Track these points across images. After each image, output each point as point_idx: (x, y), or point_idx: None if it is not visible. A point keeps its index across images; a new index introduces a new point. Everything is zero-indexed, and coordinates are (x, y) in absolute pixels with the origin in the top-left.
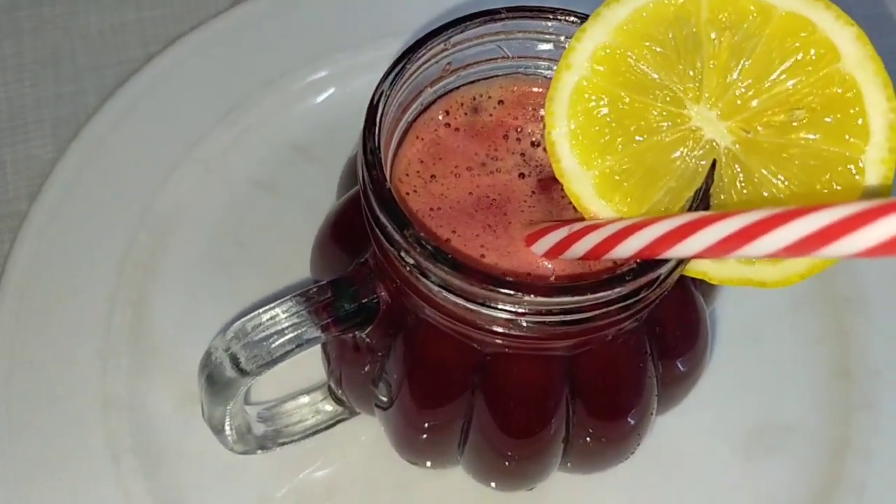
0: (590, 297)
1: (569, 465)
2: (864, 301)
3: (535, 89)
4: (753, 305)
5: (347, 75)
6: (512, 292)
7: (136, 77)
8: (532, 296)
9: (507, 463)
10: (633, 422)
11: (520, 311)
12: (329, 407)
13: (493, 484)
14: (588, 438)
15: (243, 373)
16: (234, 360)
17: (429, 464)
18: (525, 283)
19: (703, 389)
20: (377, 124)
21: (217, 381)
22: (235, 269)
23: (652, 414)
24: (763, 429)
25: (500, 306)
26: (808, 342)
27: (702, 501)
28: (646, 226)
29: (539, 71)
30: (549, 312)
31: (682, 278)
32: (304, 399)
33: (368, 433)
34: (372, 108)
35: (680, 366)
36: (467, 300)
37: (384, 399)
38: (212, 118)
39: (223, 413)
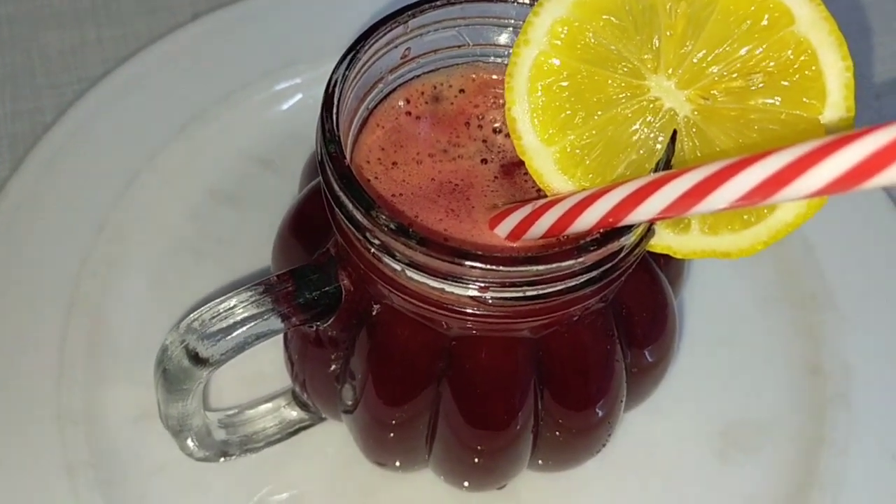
0: (554, 267)
1: (539, 461)
2: (831, 297)
3: (496, 77)
4: (722, 305)
5: (309, 87)
6: (477, 264)
7: (94, 90)
8: (497, 266)
9: (475, 458)
10: (602, 410)
11: (485, 285)
12: (294, 413)
13: (464, 483)
14: (557, 429)
15: (200, 365)
16: (190, 353)
17: (398, 463)
18: (490, 255)
19: (675, 390)
20: (335, 106)
21: (173, 374)
22: (194, 281)
23: (621, 402)
24: (737, 428)
25: (465, 281)
26: (778, 340)
27: (677, 502)
28: (604, 193)
29: (500, 59)
30: (514, 285)
31: (648, 263)
32: (268, 405)
33: (336, 442)
34: (329, 91)
35: (647, 354)
36: (433, 276)
37: (350, 397)
38: (171, 130)
39: (181, 412)
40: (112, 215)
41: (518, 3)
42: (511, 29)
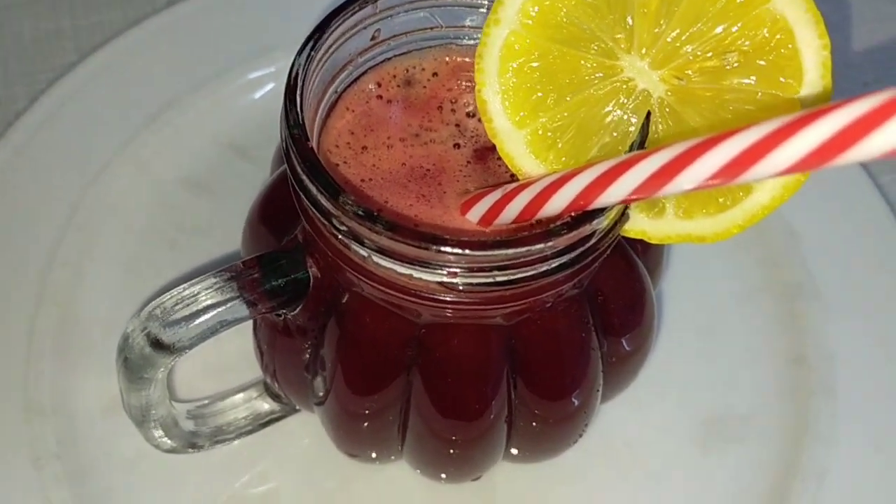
0: (524, 251)
1: (515, 452)
2: (815, 286)
3: (470, 60)
4: (705, 294)
5: (283, 75)
6: (445, 248)
7: (67, 77)
8: (465, 251)
9: (447, 448)
10: (577, 399)
11: (454, 270)
12: (266, 405)
13: (438, 474)
14: (532, 419)
15: (162, 352)
16: (152, 340)
17: (372, 455)
18: (458, 239)
19: (656, 380)
20: (298, 89)
21: (134, 362)
22: (167, 270)
23: (598, 391)
24: (719, 419)
25: (434, 267)
26: (761, 330)
27: (659, 495)
28: (574, 176)
29: (474, 42)
30: (483, 270)
31: (625, 250)
32: (239, 396)
33: (312, 433)
34: (293, 75)
35: (625, 343)
36: (401, 262)
37: (320, 387)
38: (144, 118)
39: (143, 402)
40: (83, 204)
41: None
42: (484, 10)
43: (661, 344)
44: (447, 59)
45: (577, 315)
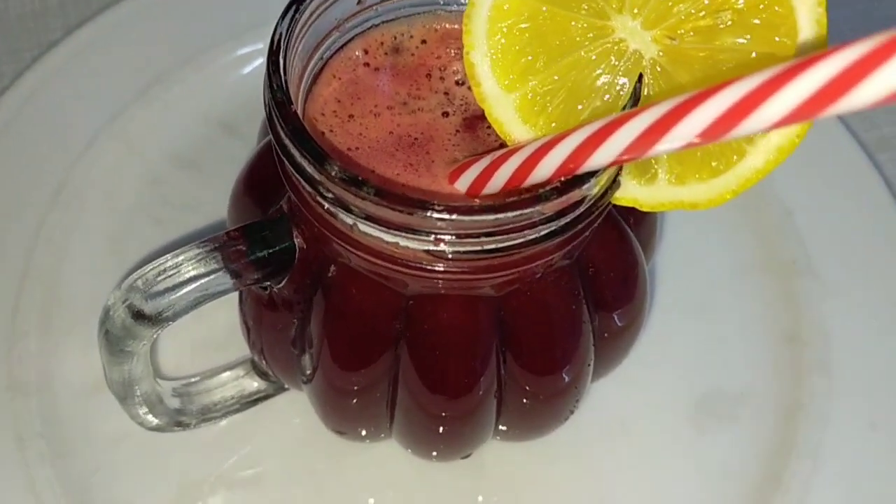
0: (513, 216)
1: (505, 429)
2: (809, 263)
3: (459, 27)
4: (699, 271)
5: None
6: (432, 214)
7: (52, 53)
8: (453, 216)
9: (436, 424)
10: (568, 375)
11: (441, 237)
12: (254, 383)
13: (428, 452)
14: (522, 395)
15: (144, 323)
16: (135, 312)
17: (362, 432)
18: (445, 204)
19: (648, 358)
20: (281, 54)
21: (115, 335)
22: (152, 247)
23: (589, 366)
24: (713, 398)
25: (420, 234)
26: (755, 307)
27: (652, 474)
28: (562, 139)
29: (461, 7)
30: (471, 236)
31: (617, 221)
32: (226, 375)
33: (302, 412)
34: (275, 39)
35: (617, 318)
36: (387, 230)
37: (307, 364)
38: (132, 93)
39: (127, 376)
40: (70, 180)
41: None
42: None
43: (654, 321)
44: (436, 26)
45: (568, 287)
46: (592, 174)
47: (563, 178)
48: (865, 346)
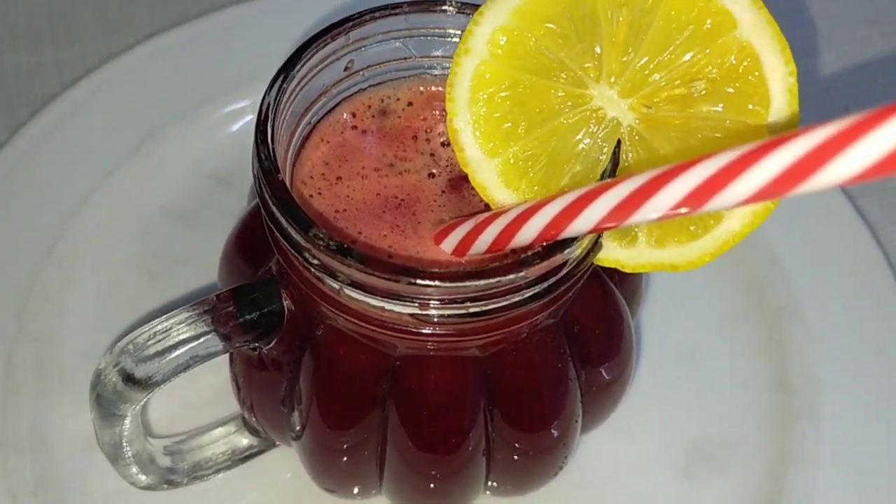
0: (495, 282)
1: (494, 484)
2: (798, 310)
3: (444, 89)
4: (687, 320)
5: None
6: (416, 281)
7: (49, 108)
8: (436, 282)
9: (425, 482)
10: (556, 431)
11: (425, 302)
12: (244, 440)
13: None
14: (510, 451)
15: (135, 388)
16: (126, 376)
17: (354, 490)
18: (429, 271)
19: (638, 408)
20: (269, 123)
21: (107, 399)
22: (146, 301)
23: (577, 422)
24: (704, 446)
25: (405, 299)
26: (744, 355)
27: None
28: (544, 206)
29: (447, 71)
30: (455, 301)
31: (601, 279)
32: (217, 432)
33: (293, 468)
34: (263, 109)
35: (604, 372)
36: (372, 295)
37: (297, 421)
38: (126, 148)
39: (118, 438)
40: (64, 236)
41: (463, 13)
42: (457, 39)
43: (642, 371)
44: (422, 88)
45: (553, 345)
46: (574, 239)
47: (545, 243)
48: (854, 393)
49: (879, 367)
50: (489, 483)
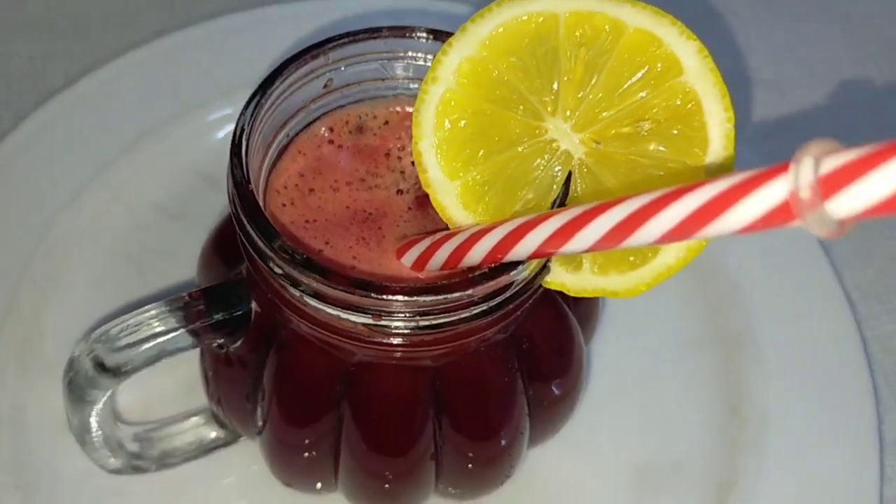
0: (443, 298)
1: (449, 489)
2: (754, 339)
3: None
4: (644, 342)
5: None
6: (369, 294)
7: (52, 101)
8: (387, 296)
9: (377, 482)
10: (502, 441)
11: (378, 314)
12: (213, 432)
13: None
14: (459, 458)
15: (106, 376)
16: (98, 364)
17: (318, 486)
18: (383, 285)
19: (590, 425)
20: (244, 144)
21: (78, 384)
22: (132, 292)
23: (523, 434)
24: (651, 466)
25: (359, 310)
26: (698, 379)
27: None
28: (491, 230)
29: None
30: (406, 315)
31: (554, 300)
32: (186, 423)
33: (257, 461)
34: (239, 128)
35: (552, 388)
36: (331, 305)
37: (259, 416)
38: (122, 144)
39: (86, 421)
40: (56, 225)
41: (437, 39)
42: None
43: (597, 387)
44: (398, 108)
45: (502, 359)
46: (520, 262)
47: (492, 264)
48: (802, 426)
49: (832, 401)
50: (439, 486)
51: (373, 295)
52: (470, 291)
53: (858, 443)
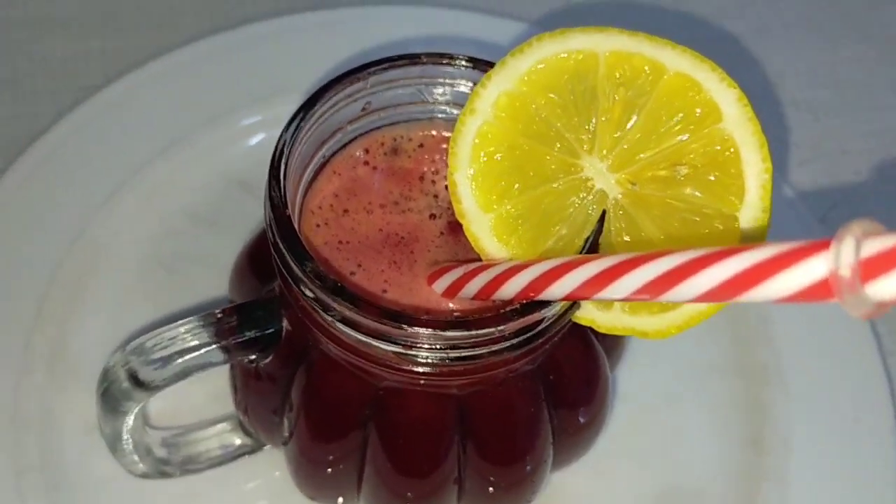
0: (474, 334)
1: None
2: (780, 371)
3: None
4: (670, 370)
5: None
6: (404, 326)
7: (89, 102)
8: (420, 329)
9: (400, 500)
10: (526, 468)
11: (409, 344)
12: (237, 439)
13: None
14: (480, 482)
15: (140, 389)
16: (132, 376)
17: (340, 500)
18: (416, 317)
19: (611, 451)
20: (282, 165)
21: (113, 396)
22: (163, 298)
23: (546, 462)
24: (672, 493)
25: (390, 340)
26: (722, 408)
27: None
28: (526, 267)
29: (457, 117)
30: (436, 348)
31: (583, 331)
32: (213, 429)
33: (280, 468)
34: (279, 148)
35: (577, 417)
36: (361, 333)
37: (286, 430)
38: (156, 148)
39: (118, 430)
40: (89, 227)
41: (474, 67)
42: (467, 90)
43: (620, 412)
44: (433, 132)
45: (529, 390)
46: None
47: (524, 301)
48: (823, 459)
49: (853, 436)
50: None
51: (403, 326)
52: (501, 327)
53: (881, 483)
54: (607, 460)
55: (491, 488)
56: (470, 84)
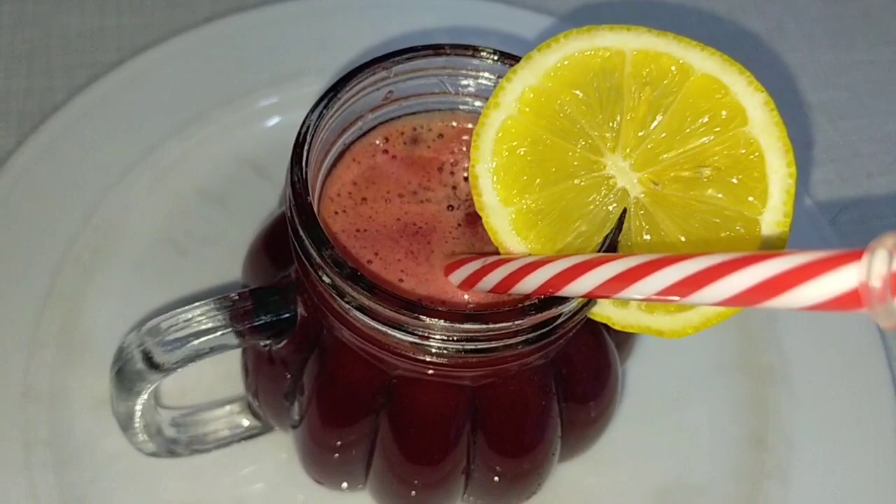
0: (491, 327)
1: (471, 499)
2: (786, 371)
3: (474, 126)
4: (677, 367)
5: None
6: (420, 317)
7: (104, 79)
8: (437, 320)
9: (405, 488)
10: (532, 460)
11: (425, 335)
12: (246, 421)
13: None
14: (488, 473)
15: (154, 370)
16: (147, 357)
17: (344, 485)
18: (433, 309)
19: (617, 444)
20: (305, 150)
21: (127, 376)
22: (174, 276)
23: (553, 455)
24: (674, 489)
25: (406, 330)
26: (727, 406)
27: None
28: (546, 263)
29: (478, 109)
30: (452, 339)
31: (595, 326)
32: (222, 410)
33: (287, 451)
34: (303, 131)
35: (585, 410)
36: (375, 320)
37: (295, 414)
38: (170, 128)
39: (131, 409)
40: (103, 205)
41: (499, 61)
42: (490, 83)
43: (627, 407)
44: (454, 123)
45: (541, 383)
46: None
47: (542, 296)
48: (825, 459)
49: (855, 437)
50: (465, 496)
51: (419, 317)
52: (518, 322)
53: (882, 482)
54: (612, 454)
55: (497, 479)
56: (493, 77)
